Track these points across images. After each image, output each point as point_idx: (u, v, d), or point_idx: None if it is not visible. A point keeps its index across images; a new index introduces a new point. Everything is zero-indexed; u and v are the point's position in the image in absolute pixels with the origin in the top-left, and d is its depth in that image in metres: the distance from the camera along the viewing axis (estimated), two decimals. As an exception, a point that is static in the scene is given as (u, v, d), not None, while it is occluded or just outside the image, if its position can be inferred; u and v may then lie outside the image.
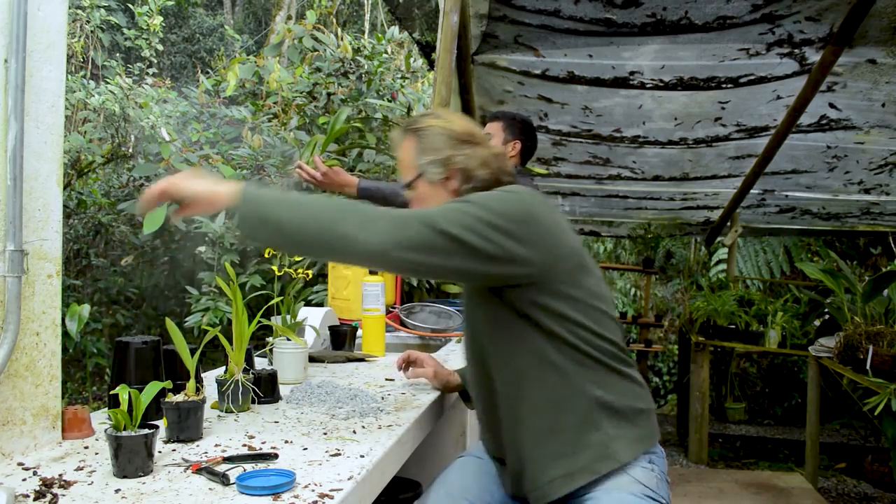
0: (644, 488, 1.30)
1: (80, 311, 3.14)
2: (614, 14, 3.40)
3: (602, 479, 1.30)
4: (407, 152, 1.47)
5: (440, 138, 1.44)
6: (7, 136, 1.08)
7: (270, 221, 1.19)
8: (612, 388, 1.34)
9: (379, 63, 4.88)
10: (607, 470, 1.30)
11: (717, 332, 4.69)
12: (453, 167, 1.43)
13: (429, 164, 1.43)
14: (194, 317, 3.63)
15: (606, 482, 1.30)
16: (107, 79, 5.97)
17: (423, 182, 1.45)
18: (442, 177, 1.43)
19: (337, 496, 0.97)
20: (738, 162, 4.91)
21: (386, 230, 1.18)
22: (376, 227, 1.18)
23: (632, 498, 1.29)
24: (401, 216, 1.22)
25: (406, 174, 1.48)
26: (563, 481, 1.31)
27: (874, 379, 3.19)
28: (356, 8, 10.32)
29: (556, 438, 1.32)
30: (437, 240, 1.20)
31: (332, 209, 1.20)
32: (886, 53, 3.52)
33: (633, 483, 1.30)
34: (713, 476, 4.21)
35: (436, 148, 1.43)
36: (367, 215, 1.20)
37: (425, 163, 1.44)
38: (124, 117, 5.00)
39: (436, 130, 1.44)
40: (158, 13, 6.60)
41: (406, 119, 1.57)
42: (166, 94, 5.32)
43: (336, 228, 1.18)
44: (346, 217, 1.19)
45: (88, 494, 0.97)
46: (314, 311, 2.18)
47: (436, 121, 1.46)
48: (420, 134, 1.45)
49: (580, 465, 1.30)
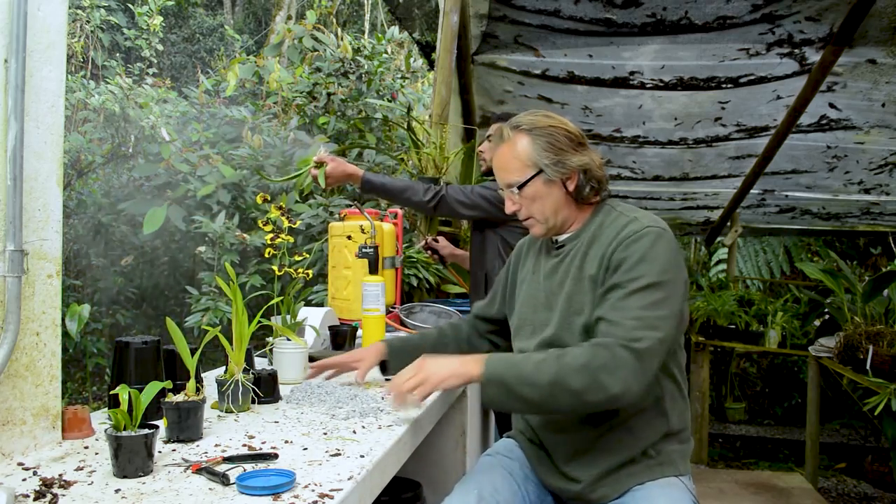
0: (691, 496, 1.41)
1: (80, 311, 3.14)
2: (614, 14, 3.40)
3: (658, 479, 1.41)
4: (520, 150, 1.47)
5: (562, 138, 1.46)
6: (7, 136, 1.08)
7: (516, 402, 1.34)
8: (679, 404, 1.46)
9: (379, 63, 4.88)
10: (665, 475, 1.41)
11: (717, 332, 4.69)
12: (575, 168, 1.45)
13: (550, 164, 1.45)
14: (194, 317, 3.63)
15: (660, 479, 1.40)
16: (107, 79, 5.97)
17: (540, 181, 1.46)
18: (563, 176, 1.46)
19: (337, 496, 0.97)
20: (738, 162, 4.91)
21: (627, 378, 1.28)
22: (616, 381, 1.27)
23: (683, 501, 1.38)
24: (615, 359, 1.28)
25: (515, 173, 1.47)
26: (625, 482, 1.41)
27: (874, 379, 3.19)
28: (356, 8, 10.31)
29: (632, 443, 1.41)
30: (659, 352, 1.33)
31: (564, 377, 1.28)
32: (886, 53, 3.53)
33: (683, 489, 1.41)
34: (713, 476, 4.21)
35: (558, 148, 1.45)
36: (593, 373, 1.27)
37: (547, 162, 1.45)
38: (124, 117, 4.99)
39: (556, 130, 1.46)
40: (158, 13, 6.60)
41: (511, 118, 1.57)
42: (166, 94, 5.31)
43: (583, 399, 1.29)
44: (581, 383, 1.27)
45: (88, 494, 0.97)
46: (314, 311, 2.17)
47: (552, 121, 1.48)
48: (538, 133, 1.46)
49: (644, 468, 1.41)
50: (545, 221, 1.50)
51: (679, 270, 1.38)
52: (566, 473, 1.47)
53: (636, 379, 1.28)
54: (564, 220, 1.51)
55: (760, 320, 4.65)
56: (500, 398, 1.33)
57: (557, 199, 1.47)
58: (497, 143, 1.52)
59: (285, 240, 1.84)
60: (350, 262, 2.38)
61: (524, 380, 1.30)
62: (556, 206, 1.48)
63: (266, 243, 1.84)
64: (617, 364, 1.27)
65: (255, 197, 3.73)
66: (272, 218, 1.85)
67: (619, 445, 1.41)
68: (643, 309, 1.31)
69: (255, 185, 4.24)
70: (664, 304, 1.33)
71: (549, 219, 1.49)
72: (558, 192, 1.47)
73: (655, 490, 1.37)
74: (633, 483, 1.40)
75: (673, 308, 1.34)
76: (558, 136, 1.46)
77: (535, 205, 1.48)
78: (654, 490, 1.37)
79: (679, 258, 1.39)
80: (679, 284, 1.37)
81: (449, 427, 1.94)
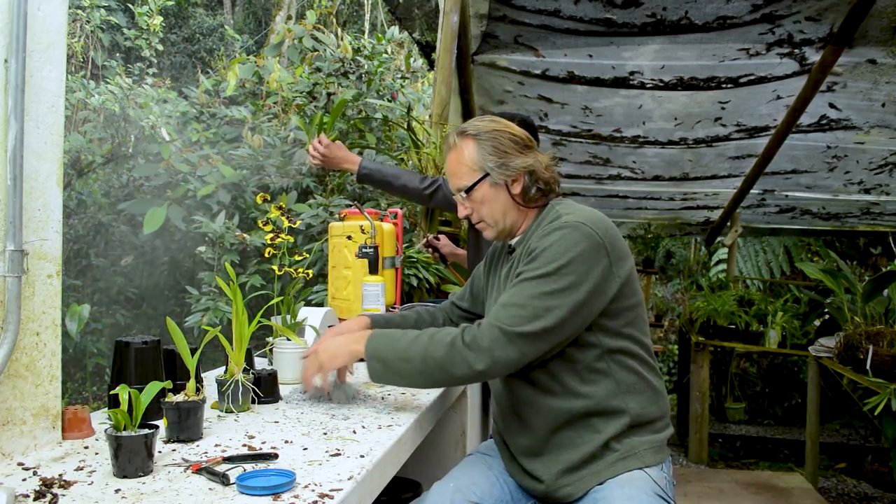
0: (656, 486, 1.37)
1: (80, 311, 3.14)
2: (614, 14, 3.40)
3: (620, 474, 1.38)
4: (466, 155, 1.50)
5: (506, 142, 1.49)
6: (7, 136, 1.08)
7: (393, 376, 1.42)
8: (642, 396, 1.43)
9: (379, 63, 4.88)
10: (629, 469, 1.38)
11: (717, 332, 4.69)
12: (520, 170, 1.48)
13: (495, 167, 1.48)
14: (194, 317, 3.63)
15: (621, 476, 1.37)
16: (107, 79, 5.96)
17: (486, 184, 1.49)
18: (509, 179, 1.49)
19: (337, 496, 0.97)
20: (738, 162, 4.91)
21: (494, 357, 1.33)
22: (481, 358, 1.33)
23: (644, 496, 1.34)
24: (485, 338, 1.33)
25: (463, 177, 1.51)
26: (588, 480, 1.39)
27: (874, 379, 3.19)
28: (356, 8, 10.31)
29: (592, 438, 1.40)
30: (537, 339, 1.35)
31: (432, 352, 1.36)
32: (886, 53, 3.53)
33: (647, 480, 1.37)
34: (713, 476, 4.21)
35: (502, 151, 1.48)
36: (460, 349, 1.34)
37: (492, 165, 1.48)
38: (124, 117, 4.99)
39: (500, 134, 1.49)
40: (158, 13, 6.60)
41: (459, 125, 1.60)
42: (166, 94, 5.31)
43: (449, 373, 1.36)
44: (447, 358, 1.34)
45: (88, 494, 0.97)
46: (314, 311, 2.17)
47: (497, 125, 1.51)
48: (483, 137, 1.49)
49: (606, 465, 1.39)
50: (495, 224, 1.54)
51: (591, 265, 1.35)
52: (530, 472, 1.46)
53: (505, 359, 1.32)
54: (514, 223, 1.54)
55: (760, 320, 4.65)
56: (380, 373, 1.40)
57: (504, 201, 1.50)
58: (446, 150, 1.56)
59: (285, 240, 1.84)
60: (350, 262, 2.38)
61: (399, 355, 1.38)
62: (504, 209, 1.51)
63: (266, 243, 1.84)
64: (486, 343, 1.32)
65: (255, 197, 3.73)
66: (272, 218, 1.85)
67: (579, 441, 1.40)
68: (533, 297, 1.34)
69: (256, 185, 4.24)
70: (558, 295, 1.33)
71: (498, 221, 1.53)
72: (504, 195, 1.50)
73: (615, 490, 1.35)
74: (595, 482, 1.38)
75: (568, 300, 1.33)
76: (503, 139, 1.49)
77: (483, 208, 1.52)
78: (615, 490, 1.35)
79: (595, 252, 1.36)
80: (586, 278, 1.34)
81: (449, 427, 1.94)
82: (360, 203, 2.93)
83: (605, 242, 1.38)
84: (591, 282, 1.35)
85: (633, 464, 1.38)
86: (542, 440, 1.44)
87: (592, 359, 1.40)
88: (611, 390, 1.40)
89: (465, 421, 1.96)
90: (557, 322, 1.33)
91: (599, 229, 1.39)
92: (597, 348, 1.40)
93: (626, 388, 1.41)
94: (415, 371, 1.37)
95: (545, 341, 1.34)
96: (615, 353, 1.41)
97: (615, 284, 1.39)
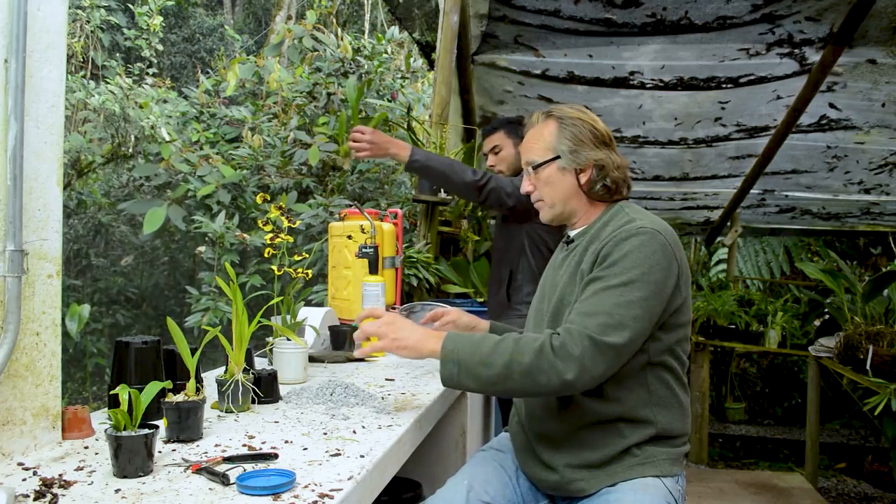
0: (670, 497, 1.38)
1: (80, 311, 3.14)
2: (614, 14, 3.40)
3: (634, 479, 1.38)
4: (545, 134, 1.53)
5: (586, 132, 1.51)
6: (7, 136, 1.08)
7: (467, 380, 1.34)
8: (670, 412, 1.43)
9: (379, 63, 4.88)
10: (645, 475, 1.38)
11: (717, 332, 4.69)
12: (590, 162, 1.50)
13: (568, 152, 1.50)
14: (194, 317, 3.62)
15: (636, 481, 1.37)
16: (107, 79, 5.97)
17: (555, 166, 1.52)
18: (578, 167, 1.51)
19: (337, 496, 0.97)
20: (738, 162, 4.91)
21: (584, 367, 1.28)
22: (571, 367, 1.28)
23: (658, 495, 1.35)
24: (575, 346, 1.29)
25: (536, 154, 1.54)
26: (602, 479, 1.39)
27: (874, 379, 3.19)
28: (356, 8, 10.30)
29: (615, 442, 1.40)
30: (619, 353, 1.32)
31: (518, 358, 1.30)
32: (886, 53, 3.53)
33: (662, 489, 1.37)
34: (713, 476, 4.21)
35: (579, 139, 1.51)
36: (549, 357, 1.29)
37: (565, 149, 1.51)
38: (124, 117, 5.00)
39: (583, 124, 1.52)
40: (158, 13, 6.60)
41: (550, 105, 1.61)
42: (166, 94, 5.32)
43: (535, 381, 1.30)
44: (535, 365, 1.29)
45: (88, 494, 0.97)
46: (314, 311, 2.17)
47: (583, 115, 1.53)
48: (566, 122, 1.52)
49: (623, 468, 1.38)
50: (552, 206, 1.55)
51: (666, 275, 1.36)
52: (546, 462, 1.46)
53: (592, 370, 1.28)
54: (572, 212, 1.55)
55: (760, 320, 4.65)
56: (453, 376, 1.35)
57: (569, 188, 1.52)
58: (528, 127, 1.59)
59: (285, 240, 1.84)
60: (350, 262, 2.38)
61: (481, 359, 1.32)
62: (566, 195, 1.53)
63: (266, 243, 1.84)
64: (575, 351, 1.28)
65: (255, 197, 3.73)
66: (272, 218, 1.85)
67: (602, 443, 1.40)
68: (619, 306, 1.31)
69: (256, 185, 4.24)
70: (639, 305, 1.32)
71: (556, 205, 1.54)
72: (571, 182, 1.52)
73: (629, 494, 1.35)
74: (608, 481, 1.38)
75: (649, 310, 1.32)
76: (583, 129, 1.51)
77: (546, 188, 1.54)
78: (628, 494, 1.35)
79: (669, 263, 1.37)
80: (662, 288, 1.35)
81: (449, 427, 1.94)
82: (360, 203, 2.94)
83: (677, 255, 1.39)
84: (666, 293, 1.36)
85: (649, 471, 1.39)
86: (566, 434, 1.44)
87: (636, 367, 1.39)
88: (642, 400, 1.40)
89: (465, 421, 1.96)
90: (640, 332, 1.32)
91: (672, 241, 1.40)
92: (643, 358, 1.39)
93: (657, 399, 1.41)
94: (494, 377, 1.32)
95: (627, 353, 1.33)
96: (656, 367, 1.41)
97: (679, 299, 1.39)
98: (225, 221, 3.80)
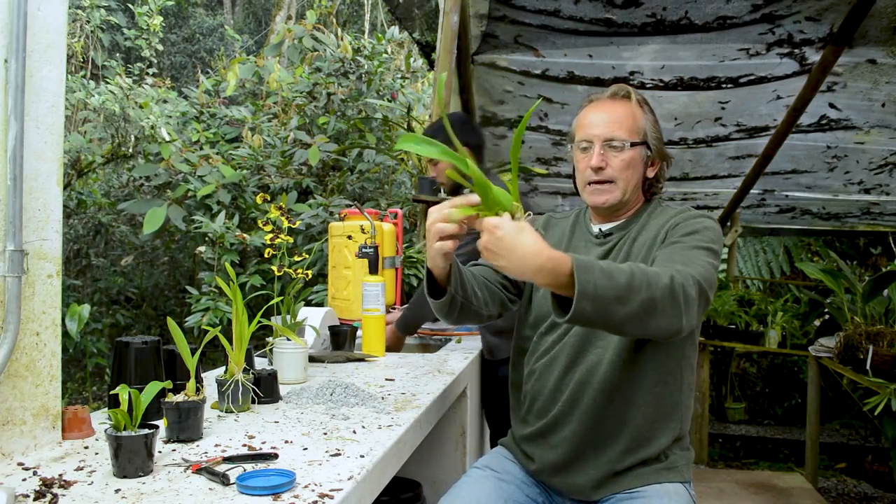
0: (692, 502, 1.40)
1: (80, 311, 3.14)
2: (614, 14, 3.40)
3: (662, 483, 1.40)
4: (639, 115, 1.48)
5: (659, 126, 1.52)
6: (7, 136, 1.08)
7: (599, 320, 1.12)
8: (689, 411, 1.46)
9: (379, 63, 4.88)
10: (671, 480, 1.40)
11: (717, 332, 4.69)
12: (664, 156, 1.51)
13: (653, 142, 1.49)
14: (194, 317, 3.63)
15: (663, 485, 1.39)
16: (107, 79, 5.97)
17: (640, 151, 1.47)
18: (653, 158, 1.49)
19: (337, 496, 0.97)
20: (738, 162, 4.91)
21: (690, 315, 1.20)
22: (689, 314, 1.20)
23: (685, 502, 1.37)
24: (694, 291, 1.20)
25: (624, 131, 1.45)
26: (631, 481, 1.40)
27: (874, 379, 3.19)
28: (356, 8, 10.31)
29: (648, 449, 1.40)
30: None
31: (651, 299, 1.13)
32: (886, 53, 3.52)
33: (686, 496, 1.39)
34: (713, 476, 4.21)
35: (659, 133, 1.51)
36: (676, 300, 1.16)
37: (651, 138, 1.48)
38: (124, 117, 5.01)
39: (656, 126, 1.51)
40: (158, 13, 6.60)
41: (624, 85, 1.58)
42: (166, 94, 5.32)
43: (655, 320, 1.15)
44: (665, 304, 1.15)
45: (88, 494, 0.97)
46: (314, 311, 2.17)
47: (654, 117, 1.53)
48: (649, 115, 1.50)
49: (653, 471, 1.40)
50: (623, 192, 1.46)
51: (718, 261, 1.37)
52: (573, 468, 1.43)
53: (694, 318, 1.20)
54: (628, 202, 1.50)
55: (760, 320, 4.65)
56: (587, 314, 1.09)
57: (639, 176, 1.48)
58: (613, 98, 1.50)
59: (285, 240, 1.84)
60: (350, 262, 2.38)
61: (619, 292, 1.09)
62: (637, 184, 1.49)
63: (266, 243, 1.84)
64: (694, 294, 1.19)
65: (255, 197, 3.73)
66: (272, 218, 1.85)
67: (635, 447, 1.39)
68: (709, 265, 1.29)
69: (255, 185, 4.24)
70: (715, 274, 1.30)
71: (627, 190, 1.46)
72: (641, 171, 1.49)
73: (654, 500, 1.35)
74: (636, 484, 1.38)
75: (715, 285, 1.30)
76: (657, 128, 1.52)
77: (626, 171, 1.44)
78: (654, 500, 1.35)
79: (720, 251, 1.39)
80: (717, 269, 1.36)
81: (449, 427, 1.94)
82: (360, 203, 2.94)
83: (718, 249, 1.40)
84: None
85: (674, 476, 1.40)
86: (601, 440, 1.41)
87: (677, 356, 1.41)
88: (673, 399, 1.41)
89: (465, 421, 1.96)
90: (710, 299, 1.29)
91: None
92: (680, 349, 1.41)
93: (685, 394, 1.43)
94: (630, 315, 1.10)
95: (700, 315, 1.28)
96: (689, 359, 1.44)
97: None
98: (225, 221, 3.80)
